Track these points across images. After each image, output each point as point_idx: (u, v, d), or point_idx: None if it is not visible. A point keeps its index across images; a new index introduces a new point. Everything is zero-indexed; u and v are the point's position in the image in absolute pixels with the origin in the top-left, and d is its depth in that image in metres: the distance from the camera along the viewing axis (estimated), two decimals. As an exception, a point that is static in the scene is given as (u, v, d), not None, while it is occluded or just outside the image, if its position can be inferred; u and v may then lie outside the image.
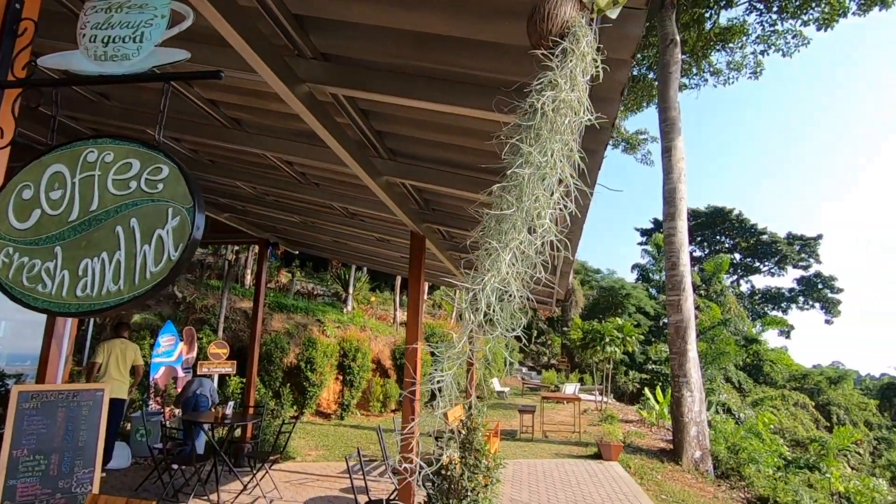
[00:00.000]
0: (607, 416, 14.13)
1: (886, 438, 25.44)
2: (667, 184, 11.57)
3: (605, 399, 18.32)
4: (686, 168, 11.70)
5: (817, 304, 40.61)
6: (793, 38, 16.36)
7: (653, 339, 25.74)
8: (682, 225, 11.36)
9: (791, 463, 12.19)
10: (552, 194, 1.36)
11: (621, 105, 2.75)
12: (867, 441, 25.41)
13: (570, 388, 18.98)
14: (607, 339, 16.00)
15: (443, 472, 4.08)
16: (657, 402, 15.26)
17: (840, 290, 40.28)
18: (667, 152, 11.70)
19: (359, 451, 4.91)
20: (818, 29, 15.21)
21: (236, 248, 15.36)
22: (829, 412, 26.38)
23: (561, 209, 1.38)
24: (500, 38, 2.00)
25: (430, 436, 6.76)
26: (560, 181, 1.38)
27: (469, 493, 3.95)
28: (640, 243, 42.34)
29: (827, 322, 40.64)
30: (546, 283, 6.18)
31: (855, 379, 32.22)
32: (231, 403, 6.17)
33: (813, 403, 26.34)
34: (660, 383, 19.75)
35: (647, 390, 17.39)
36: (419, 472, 4.47)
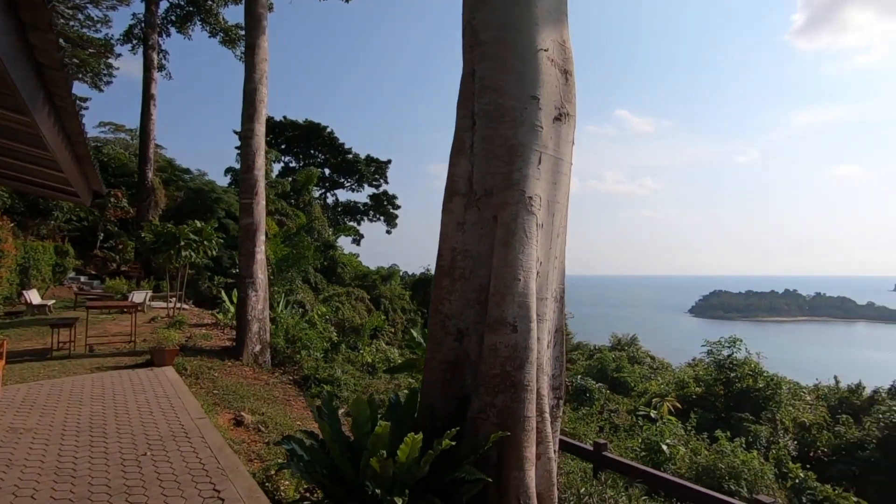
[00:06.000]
0: (176, 322, 13.47)
1: (413, 319, 33.88)
2: (248, 83, 11.15)
3: (181, 305, 17.41)
4: (269, 71, 11.52)
5: (382, 217, 49.33)
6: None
7: (241, 245, 25.78)
8: (261, 128, 11.29)
9: (337, 345, 14.63)
10: None
11: None
12: (401, 322, 33.39)
13: (139, 297, 17.20)
14: (183, 243, 14.95)
15: None
16: (232, 304, 15.48)
17: (399, 207, 49.97)
18: (250, 49, 11.19)
19: None
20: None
21: None
22: (380, 303, 33.05)
23: None
24: None
25: None
26: None
27: None
28: (238, 147, 41.06)
29: (387, 232, 50.05)
30: (47, 164, 4.97)
31: (401, 276, 41.01)
32: None
33: (369, 297, 32.42)
34: (242, 287, 20.12)
35: (223, 293, 17.43)
36: None
